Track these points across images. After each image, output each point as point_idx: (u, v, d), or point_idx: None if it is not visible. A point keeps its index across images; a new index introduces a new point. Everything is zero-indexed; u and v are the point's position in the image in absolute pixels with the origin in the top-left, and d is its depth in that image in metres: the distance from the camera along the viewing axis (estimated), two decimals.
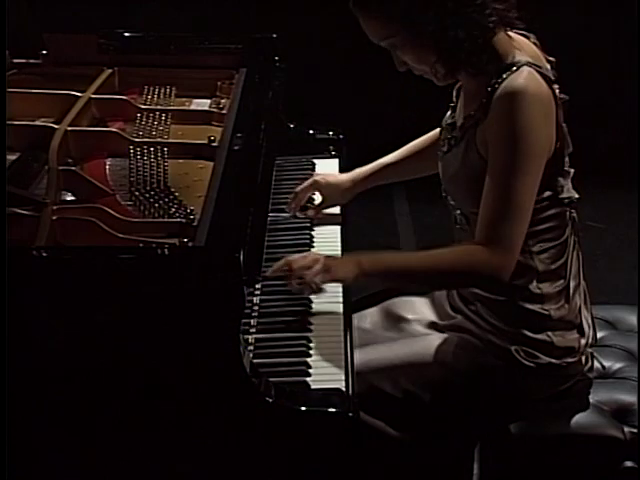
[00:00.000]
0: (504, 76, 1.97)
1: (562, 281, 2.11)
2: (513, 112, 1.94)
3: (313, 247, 2.33)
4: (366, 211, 2.52)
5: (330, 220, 2.46)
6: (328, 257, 2.06)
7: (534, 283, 2.09)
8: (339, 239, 2.39)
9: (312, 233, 2.40)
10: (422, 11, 1.94)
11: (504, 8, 1.99)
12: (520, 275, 2.06)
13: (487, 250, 1.97)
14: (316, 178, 2.48)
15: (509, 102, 1.94)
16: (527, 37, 2.10)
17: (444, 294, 2.29)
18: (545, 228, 2.08)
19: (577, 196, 2.10)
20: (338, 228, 2.44)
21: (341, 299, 2.14)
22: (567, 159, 2.10)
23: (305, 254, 2.08)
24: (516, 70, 1.97)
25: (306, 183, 2.46)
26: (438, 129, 2.29)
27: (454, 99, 2.20)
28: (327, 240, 2.38)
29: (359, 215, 2.51)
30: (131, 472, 1.84)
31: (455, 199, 2.15)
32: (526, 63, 1.97)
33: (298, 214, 2.45)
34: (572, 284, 2.13)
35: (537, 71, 1.97)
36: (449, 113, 2.20)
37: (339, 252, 2.33)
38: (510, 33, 2.05)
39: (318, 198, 2.48)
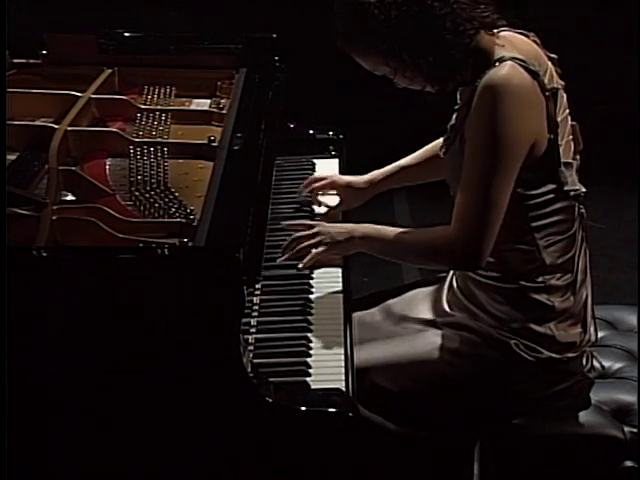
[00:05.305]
0: (487, 72, 1.97)
1: (569, 275, 2.12)
2: (491, 104, 1.94)
3: None
4: (366, 211, 2.51)
5: (330, 220, 2.46)
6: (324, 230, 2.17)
7: (542, 275, 2.09)
8: None
9: None
10: (402, 41, 1.96)
11: (482, 11, 2.00)
12: (528, 267, 2.07)
13: (456, 240, 2.00)
14: (334, 178, 2.48)
15: (488, 95, 1.95)
16: (527, 35, 2.10)
17: (443, 289, 2.29)
18: (552, 222, 2.08)
19: (584, 190, 2.10)
20: None
21: (341, 299, 2.14)
22: (577, 156, 2.10)
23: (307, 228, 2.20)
24: (498, 65, 1.97)
25: (324, 182, 2.47)
26: None
27: (458, 101, 2.20)
28: None
29: (359, 215, 2.51)
30: (131, 472, 1.84)
31: None
32: (510, 58, 1.97)
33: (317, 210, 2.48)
34: (579, 277, 2.14)
35: (521, 65, 1.97)
36: (454, 116, 2.20)
37: None
38: (506, 33, 2.06)
39: (332, 200, 2.48)
